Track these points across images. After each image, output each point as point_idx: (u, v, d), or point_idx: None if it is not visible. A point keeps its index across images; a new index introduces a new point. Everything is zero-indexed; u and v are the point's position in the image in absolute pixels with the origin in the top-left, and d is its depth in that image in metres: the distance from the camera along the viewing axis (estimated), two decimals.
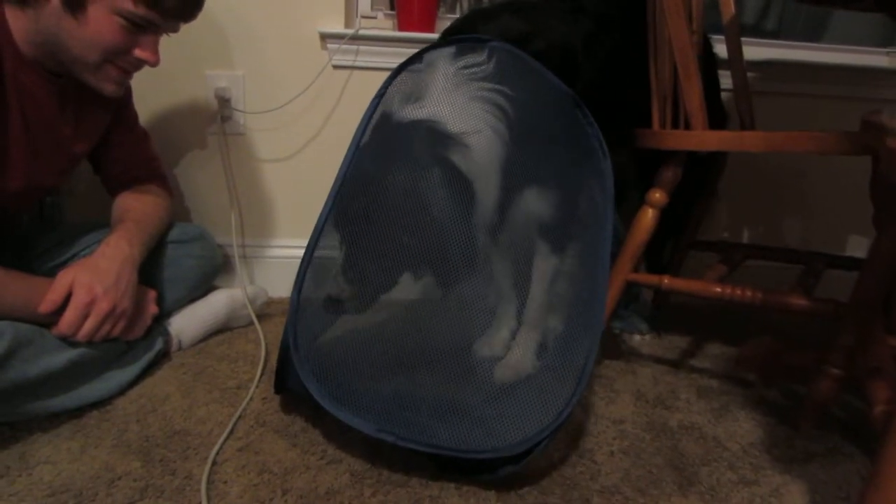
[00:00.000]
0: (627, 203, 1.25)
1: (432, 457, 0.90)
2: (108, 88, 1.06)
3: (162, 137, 1.52)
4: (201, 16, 1.09)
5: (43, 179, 1.10)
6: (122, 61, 1.03)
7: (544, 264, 1.09)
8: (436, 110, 0.95)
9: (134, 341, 1.13)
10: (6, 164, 1.01)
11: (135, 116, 1.31)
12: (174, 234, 1.31)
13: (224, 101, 1.52)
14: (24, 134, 1.02)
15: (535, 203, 1.05)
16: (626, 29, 1.23)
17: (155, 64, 1.06)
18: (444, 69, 0.98)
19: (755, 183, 1.75)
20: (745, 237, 1.85)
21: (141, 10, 0.97)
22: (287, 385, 1.03)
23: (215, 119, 1.55)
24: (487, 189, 0.98)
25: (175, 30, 1.08)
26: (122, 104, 1.25)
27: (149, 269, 1.21)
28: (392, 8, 1.66)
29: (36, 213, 1.33)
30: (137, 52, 1.03)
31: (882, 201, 0.93)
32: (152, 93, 1.49)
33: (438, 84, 0.97)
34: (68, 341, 0.99)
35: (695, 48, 1.08)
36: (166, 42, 1.08)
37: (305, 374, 0.92)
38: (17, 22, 0.97)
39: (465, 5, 1.89)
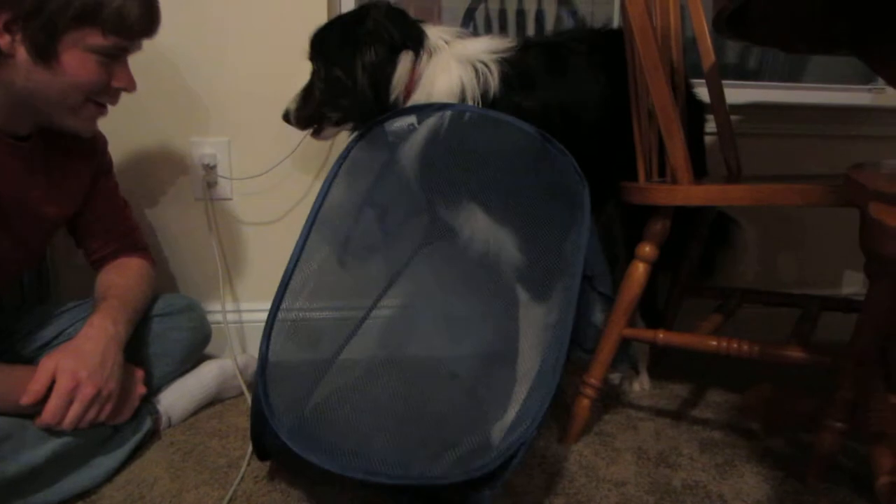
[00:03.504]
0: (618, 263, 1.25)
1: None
2: (86, 127, 1.07)
3: (148, 205, 1.51)
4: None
5: (14, 251, 1.08)
6: (103, 96, 1.04)
7: (532, 314, 1.09)
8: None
9: (121, 423, 1.09)
10: None
11: (115, 186, 1.29)
12: (160, 306, 1.27)
13: (209, 168, 1.51)
14: None
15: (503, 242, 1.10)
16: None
17: (133, 89, 1.07)
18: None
19: (747, 220, 1.74)
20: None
21: (111, 41, 0.98)
22: (266, 446, 1.01)
23: (201, 186, 1.54)
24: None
25: (139, 48, 1.07)
26: (102, 173, 1.24)
27: (135, 346, 1.17)
28: None
29: (17, 294, 1.30)
30: (115, 83, 1.03)
31: (870, 257, 0.92)
32: (137, 160, 1.49)
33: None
34: (52, 430, 0.95)
35: (676, 105, 1.08)
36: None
37: (277, 421, 0.90)
38: None
39: None
